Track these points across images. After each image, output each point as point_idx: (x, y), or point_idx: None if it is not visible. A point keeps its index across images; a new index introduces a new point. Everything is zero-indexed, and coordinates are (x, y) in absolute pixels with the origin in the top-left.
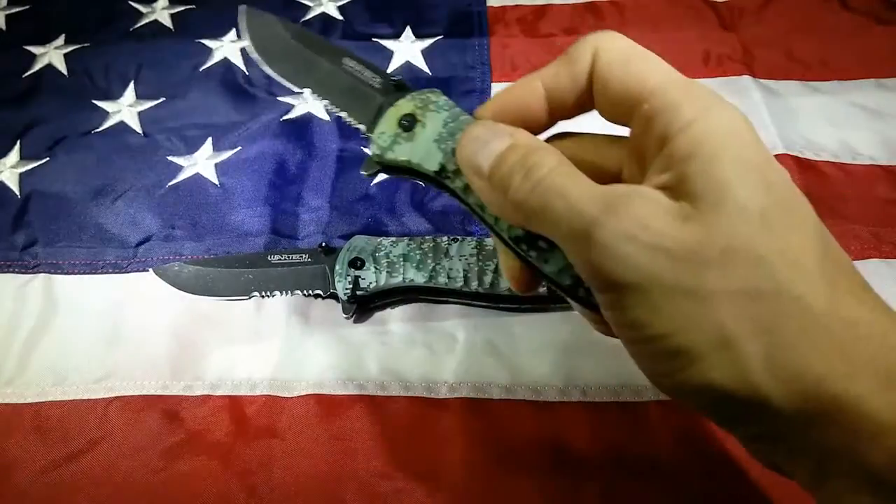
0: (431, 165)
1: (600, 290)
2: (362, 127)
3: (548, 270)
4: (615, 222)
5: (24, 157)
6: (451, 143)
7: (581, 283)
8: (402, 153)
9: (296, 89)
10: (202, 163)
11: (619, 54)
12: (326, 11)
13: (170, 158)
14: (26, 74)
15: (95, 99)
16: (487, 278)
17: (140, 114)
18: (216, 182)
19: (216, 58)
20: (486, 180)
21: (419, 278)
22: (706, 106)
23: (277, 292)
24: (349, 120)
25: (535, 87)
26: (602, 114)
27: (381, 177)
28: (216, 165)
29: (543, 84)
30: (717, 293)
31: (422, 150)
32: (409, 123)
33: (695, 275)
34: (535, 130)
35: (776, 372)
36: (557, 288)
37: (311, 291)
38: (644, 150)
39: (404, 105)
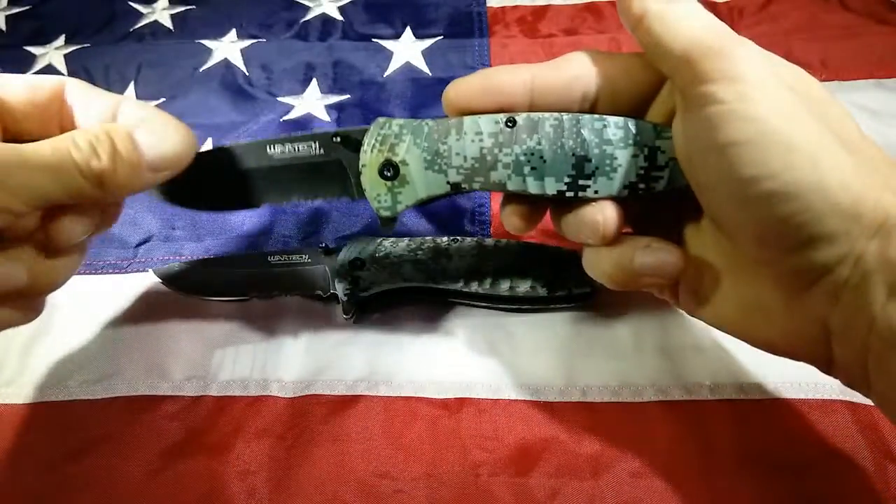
0: (441, 189)
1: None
2: (347, 199)
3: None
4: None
5: None
6: (440, 160)
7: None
8: (409, 198)
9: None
10: None
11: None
12: (326, 12)
13: None
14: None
15: None
16: (487, 279)
17: None
18: None
19: (216, 58)
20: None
21: (419, 279)
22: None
23: (277, 293)
24: (330, 197)
25: (524, 78)
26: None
27: None
28: None
29: (533, 77)
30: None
31: (423, 183)
32: (391, 171)
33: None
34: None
35: (889, 182)
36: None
37: (310, 292)
38: None
39: (370, 159)
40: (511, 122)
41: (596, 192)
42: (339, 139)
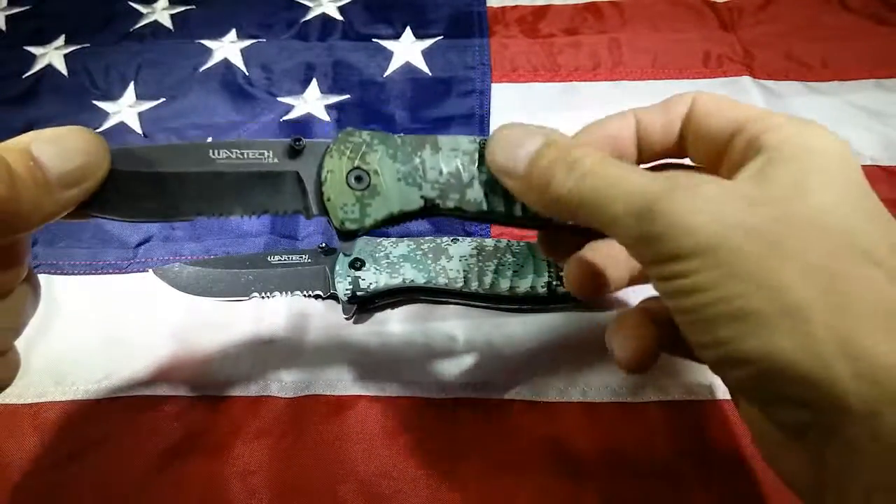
0: (415, 203)
1: (661, 260)
2: (300, 216)
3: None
4: (683, 197)
5: None
6: (416, 175)
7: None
8: (380, 211)
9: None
10: None
11: (713, 101)
12: (326, 12)
13: None
14: (26, 75)
15: (95, 99)
16: (487, 279)
17: (140, 114)
18: None
19: (216, 58)
20: (522, 180)
21: (419, 279)
22: (804, 123)
23: (277, 293)
24: (281, 213)
25: (629, 122)
26: (694, 158)
27: None
28: None
29: (637, 119)
30: (789, 261)
31: (396, 196)
32: (360, 180)
33: (766, 243)
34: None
35: (847, 349)
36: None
37: (311, 292)
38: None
39: (337, 164)
40: (485, 144)
41: None
42: (301, 144)
